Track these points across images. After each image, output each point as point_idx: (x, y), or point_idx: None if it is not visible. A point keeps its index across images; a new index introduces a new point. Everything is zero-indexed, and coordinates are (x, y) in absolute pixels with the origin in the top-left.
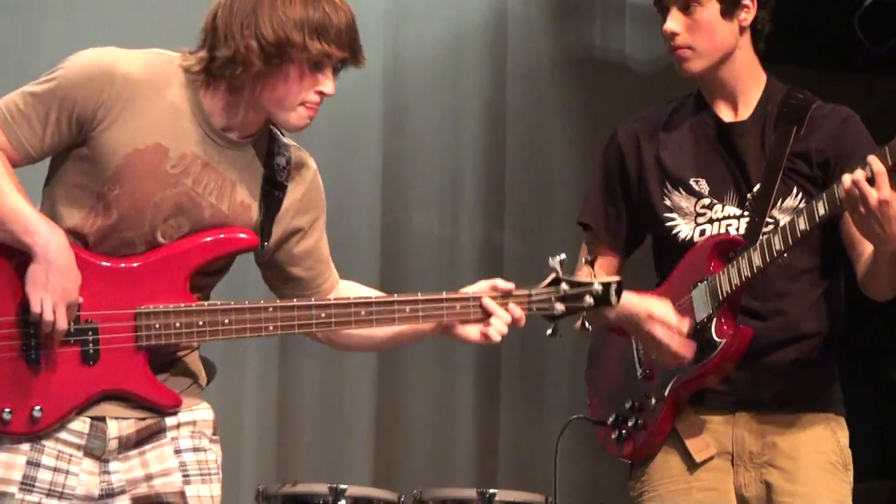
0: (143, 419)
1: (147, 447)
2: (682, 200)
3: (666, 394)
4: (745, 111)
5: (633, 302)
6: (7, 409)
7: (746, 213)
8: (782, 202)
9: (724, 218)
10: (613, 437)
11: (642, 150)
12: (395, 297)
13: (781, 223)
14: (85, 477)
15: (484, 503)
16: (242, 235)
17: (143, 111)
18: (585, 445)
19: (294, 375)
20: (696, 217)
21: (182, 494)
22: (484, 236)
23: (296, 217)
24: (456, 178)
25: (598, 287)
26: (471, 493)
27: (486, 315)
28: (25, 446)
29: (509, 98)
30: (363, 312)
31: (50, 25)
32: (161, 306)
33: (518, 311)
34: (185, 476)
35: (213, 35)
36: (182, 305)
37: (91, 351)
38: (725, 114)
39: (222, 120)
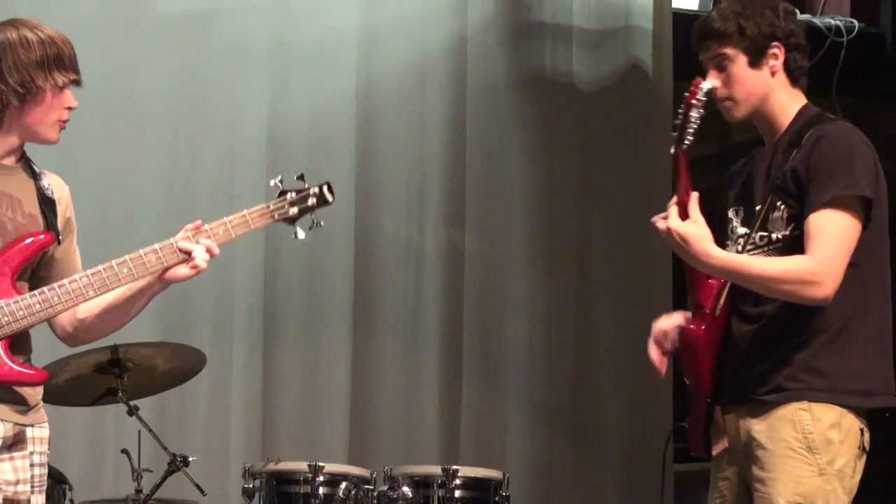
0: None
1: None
2: (730, 223)
3: None
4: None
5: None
6: None
7: (748, 231)
8: (771, 216)
9: (738, 237)
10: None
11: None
12: (105, 266)
13: (774, 236)
14: None
15: (448, 479)
16: (43, 236)
17: None
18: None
19: (277, 362)
20: (735, 238)
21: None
22: (447, 237)
23: (64, 226)
24: (422, 185)
25: (315, 189)
26: (436, 469)
27: (186, 254)
28: None
29: (469, 113)
30: (91, 285)
31: None
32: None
33: (209, 242)
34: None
35: None
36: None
37: None
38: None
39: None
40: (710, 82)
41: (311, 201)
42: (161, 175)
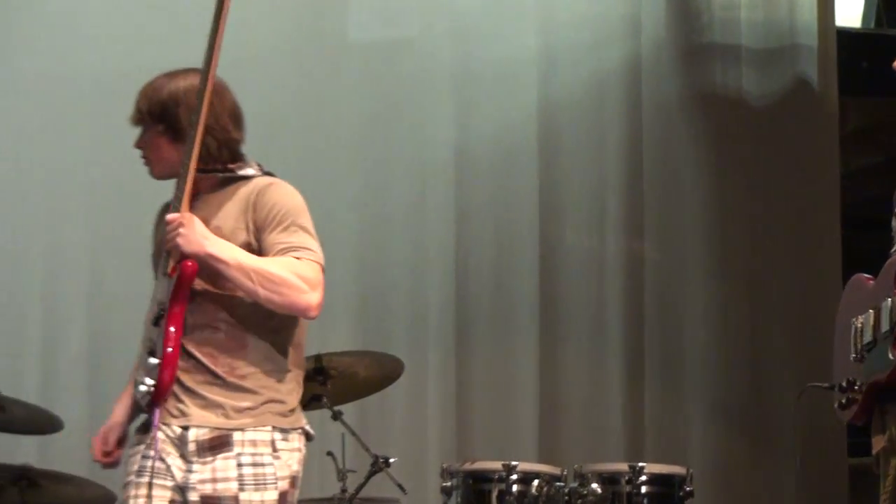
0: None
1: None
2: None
3: (865, 386)
4: None
5: None
6: None
7: None
8: None
9: None
10: (838, 402)
11: None
12: None
13: None
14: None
15: (634, 475)
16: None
17: None
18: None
19: (469, 368)
20: None
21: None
22: (627, 247)
23: None
24: (602, 198)
25: None
26: (623, 466)
27: None
28: None
29: (645, 129)
30: None
31: None
32: None
33: None
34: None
35: None
36: None
37: None
38: None
39: None
40: None
41: None
42: (354, 196)
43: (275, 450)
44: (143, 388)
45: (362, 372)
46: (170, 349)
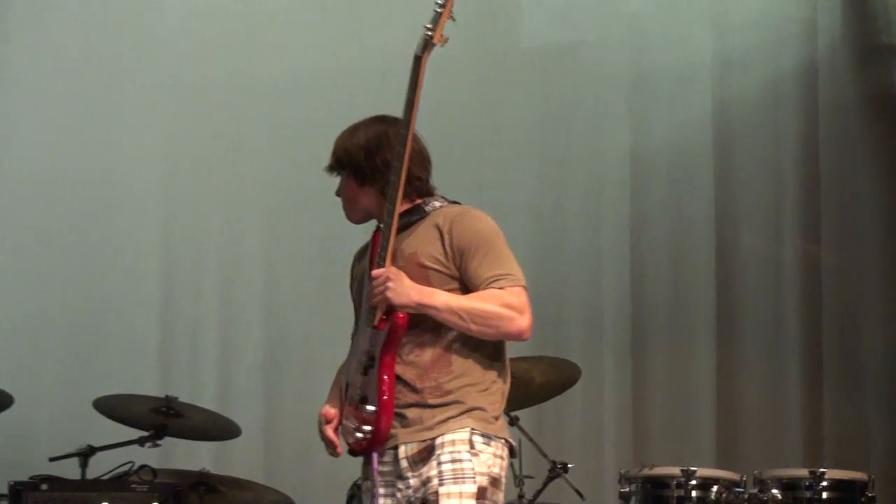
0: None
1: None
2: None
3: None
4: None
5: None
6: None
7: None
8: None
9: None
10: None
11: None
12: None
13: None
14: None
15: (815, 481)
16: None
17: None
18: None
19: (645, 373)
20: None
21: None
22: (803, 250)
23: None
24: (778, 201)
25: None
26: (803, 472)
27: None
28: None
29: (822, 132)
30: None
31: None
32: None
33: None
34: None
35: None
36: None
37: None
38: None
39: None
40: None
41: None
42: (530, 201)
43: (472, 447)
44: (359, 434)
45: (538, 377)
46: (385, 397)
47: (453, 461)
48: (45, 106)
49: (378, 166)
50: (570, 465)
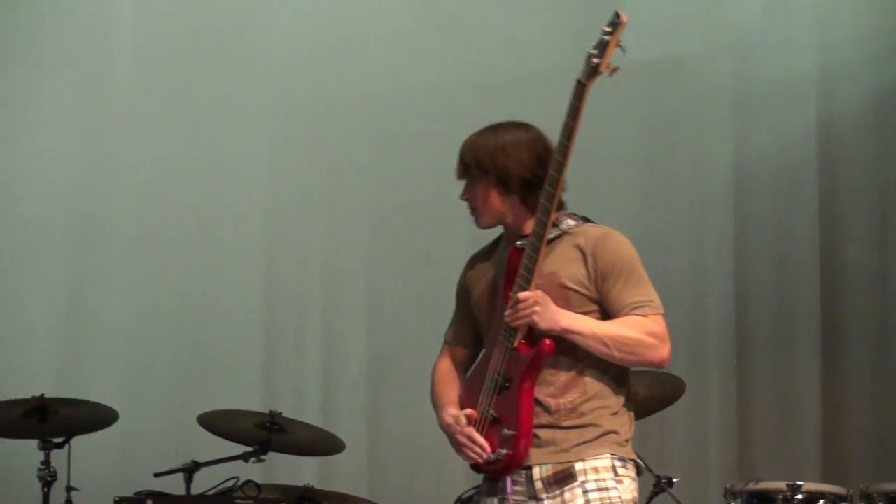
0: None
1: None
2: None
3: None
4: None
5: None
6: None
7: None
8: None
9: None
10: None
11: None
12: None
13: None
14: None
15: None
16: None
17: None
18: None
19: (750, 387)
20: None
21: None
22: None
23: None
24: (884, 215)
25: None
26: None
27: None
28: None
29: None
30: None
31: None
32: None
33: None
34: None
35: None
36: None
37: None
38: None
39: None
40: None
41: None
42: (634, 214)
43: (616, 474)
44: (493, 456)
45: (642, 392)
46: (526, 423)
47: (600, 489)
48: (150, 126)
49: (530, 179)
50: (674, 480)
